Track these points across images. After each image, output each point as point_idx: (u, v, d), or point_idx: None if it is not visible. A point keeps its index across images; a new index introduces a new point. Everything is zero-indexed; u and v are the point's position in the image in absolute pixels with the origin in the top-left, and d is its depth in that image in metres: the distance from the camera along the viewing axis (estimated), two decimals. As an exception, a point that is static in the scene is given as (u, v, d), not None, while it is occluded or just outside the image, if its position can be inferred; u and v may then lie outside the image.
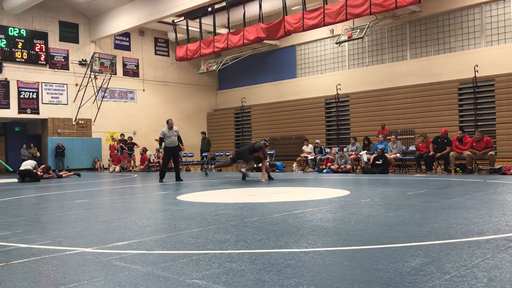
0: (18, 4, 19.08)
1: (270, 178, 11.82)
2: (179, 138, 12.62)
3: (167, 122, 12.65)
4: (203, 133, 22.67)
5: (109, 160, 21.83)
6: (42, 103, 21.21)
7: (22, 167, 14.59)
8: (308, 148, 17.32)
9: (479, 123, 16.17)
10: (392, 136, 15.30)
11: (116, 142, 21.73)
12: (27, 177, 14.35)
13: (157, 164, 20.35)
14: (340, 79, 20.31)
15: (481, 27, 16.73)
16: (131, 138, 22.05)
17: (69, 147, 21.65)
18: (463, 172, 12.82)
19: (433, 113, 17.11)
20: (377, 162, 14.01)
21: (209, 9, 18.22)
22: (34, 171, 14.71)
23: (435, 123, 16.56)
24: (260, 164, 11.66)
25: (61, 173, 16.92)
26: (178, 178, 12.52)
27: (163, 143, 12.49)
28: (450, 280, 2.62)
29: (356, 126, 19.47)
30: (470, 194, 7.23)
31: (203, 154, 22.03)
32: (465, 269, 2.84)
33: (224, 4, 17.97)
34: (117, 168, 20.76)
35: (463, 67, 16.69)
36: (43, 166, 16.61)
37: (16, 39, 20.37)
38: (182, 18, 19.76)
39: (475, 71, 16.16)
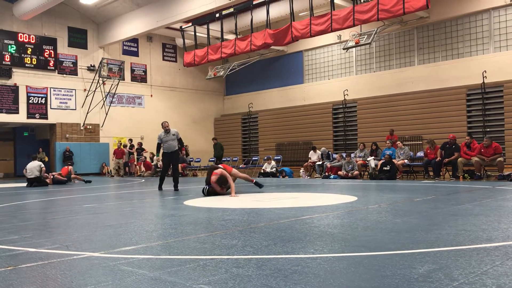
0: (28, 11, 19.26)
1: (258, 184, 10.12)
2: (180, 141, 11.31)
3: (162, 125, 11.17)
4: (214, 139, 22.61)
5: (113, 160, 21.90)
6: (51, 108, 21.36)
7: (29, 175, 14.47)
8: (315, 155, 17.26)
9: (488, 129, 16.08)
10: (398, 142, 15.23)
11: (127, 147, 21.80)
12: (35, 182, 14.40)
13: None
14: (348, 85, 20.29)
15: (489, 33, 16.67)
16: (140, 143, 22.16)
17: (77, 152, 21.77)
18: (471, 179, 12.73)
19: (441, 119, 17.03)
20: (385, 168, 13.95)
21: (217, 15, 18.30)
22: (44, 175, 14.79)
23: (443, 129, 16.48)
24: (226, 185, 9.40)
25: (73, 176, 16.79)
26: (175, 187, 11.01)
27: (161, 149, 11.14)
28: (458, 287, 2.60)
29: (363, 132, 19.42)
30: (479, 200, 7.18)
31: (210, 159, 22.08)
32: (474, 276, 2.82)
33: (231, 10, 18.05)
34: (121, 161, 20.93)
35: (471, 73, 16.62)
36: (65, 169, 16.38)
37: (26, 45, 20.56)
38: (190, 24, 19.86)
39: (483, 77, 16.08)
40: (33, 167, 14.67)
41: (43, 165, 14.96)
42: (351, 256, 3.48)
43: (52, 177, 15.67)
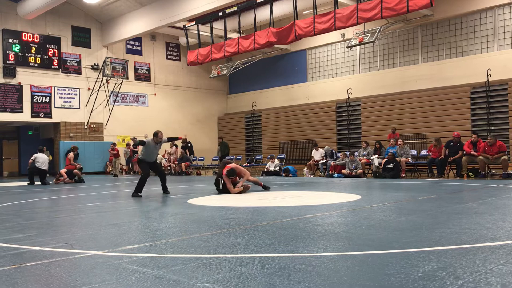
0: (31, 10, 19.31)
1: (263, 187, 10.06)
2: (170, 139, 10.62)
3: (156, 135, 9.64)
4: (220, 138, 22.60)
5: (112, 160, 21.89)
6: (55, 107, 21.42)
7: (42, 166, 14.46)
8: (318, 153, 17.24)
9: (492, 127, 16.01)
10: (399, 141, 15.15)
11: (130, 147, 21.79)
12: (44, 176, 14.42)
13: (168, 168, 20.43)
14: (351, 83, 20.25)
15: (493, 31, 16.59)
16: None
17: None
18: (476, 177, 12.69)
19: (445, 117, 16.97)
20: (388, 167, 13.93)
21: (220, 13, 18.30)
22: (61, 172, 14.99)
23: (447, 127, 16.43)
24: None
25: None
26: (164, 189, 10.00)
27: (136, 146, 9.64)
28: (462, 286, 2.59)
29: (367, 131, 19.38)
30: (483, 199, 7.16)
31: (214, 158, 22.10)
32: (478, 274, 2.81)
33: (235, 8, 18.04)
34: (117, 161, 20.95)
35: (476, 71, 16.54)
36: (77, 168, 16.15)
37: (30, 44, 20.61)
38: (193, 23, 19.87)
39: (487, 75, 16.00)
40: (45, 159, 14.75)
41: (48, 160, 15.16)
42: (355, 254, 3.47)
43: (62, 178, 15.48)
